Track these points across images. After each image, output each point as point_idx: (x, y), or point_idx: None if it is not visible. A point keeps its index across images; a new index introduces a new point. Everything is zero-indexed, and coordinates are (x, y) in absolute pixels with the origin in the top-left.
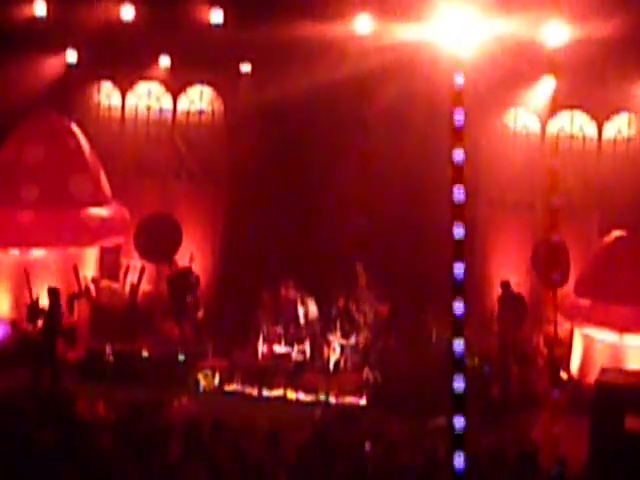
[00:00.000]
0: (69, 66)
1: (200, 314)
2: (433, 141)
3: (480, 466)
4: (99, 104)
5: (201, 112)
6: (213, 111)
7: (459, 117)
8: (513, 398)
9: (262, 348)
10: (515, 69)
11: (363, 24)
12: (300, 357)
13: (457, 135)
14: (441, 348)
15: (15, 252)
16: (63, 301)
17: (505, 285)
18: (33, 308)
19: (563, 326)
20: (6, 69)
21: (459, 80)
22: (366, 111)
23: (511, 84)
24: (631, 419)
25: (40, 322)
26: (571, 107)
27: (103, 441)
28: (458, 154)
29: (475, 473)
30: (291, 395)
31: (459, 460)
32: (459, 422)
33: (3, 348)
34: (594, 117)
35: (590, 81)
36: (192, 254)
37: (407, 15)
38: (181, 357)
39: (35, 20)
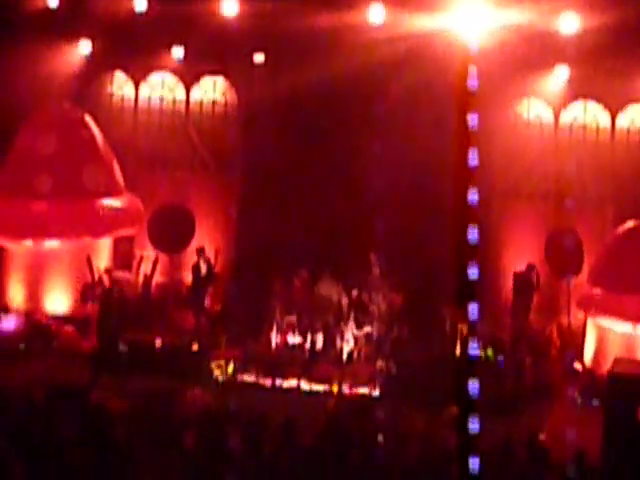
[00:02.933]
0: (82, 57)
1: (218, 306)
2: (446, 130)
3: (492, 456)
4: (112, 95)
5: (214, 102)
6: (226, 101)
7: (472, 120)
8: (527, 389)
9: (275, 338)
10: (528, 58)
11: (376, 14)
12: (313, 347)
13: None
14: (454, 338)
15: (29, 243)
16: (77, 292)
17: (530, 267)
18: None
19: (576, 316)
20: (20, 60)
21: (472, 83)
22: (379, 101)
23: (524, 74)
24: None
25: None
26: (585, 97)
27: (117, 431)
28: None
29: (487, 464)
30: (305, 385)
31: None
32: (474, 424)
33: (17, 339)
34: (608, 107)
35: (604, 71)
36: (218, 249)
37: (420, 5)
38: (195, 347)
39: (48, 11)
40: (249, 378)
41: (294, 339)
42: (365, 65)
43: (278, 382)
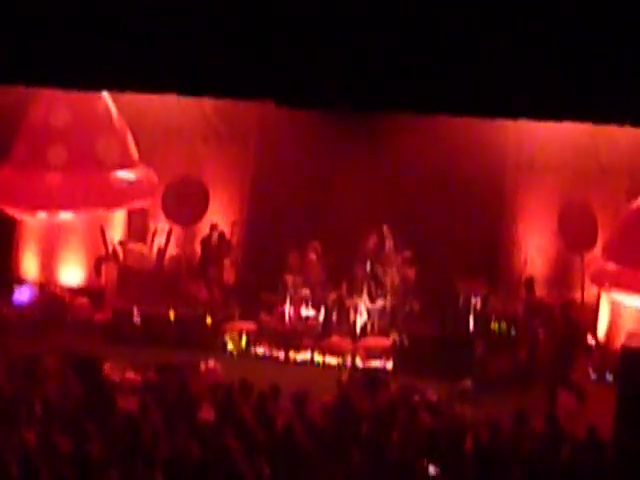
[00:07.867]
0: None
1: (232, 278)
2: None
3: (505, 429)
4: None
5: None
6: None
7: None
8: (539, 362)
9: (289, 311)
10: None
11: None
12: (326, 320)
13: None
14: (468, 311)
15: (43, 215)
16: (91, 264)
17: None
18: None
19: (590, 290)
20: None
21: None
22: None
23: None
24: None
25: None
26: None
27: (130, 403)
28: None
29: (500, 436)
30: (318, 358)
31: None
32: None
33: (31, 310)
34: None
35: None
36: (235, 221)
37: None
38: (208, 320)
39: None
40: (262, 350)
41: (307, 312)
42: None
43: (291, 354)
